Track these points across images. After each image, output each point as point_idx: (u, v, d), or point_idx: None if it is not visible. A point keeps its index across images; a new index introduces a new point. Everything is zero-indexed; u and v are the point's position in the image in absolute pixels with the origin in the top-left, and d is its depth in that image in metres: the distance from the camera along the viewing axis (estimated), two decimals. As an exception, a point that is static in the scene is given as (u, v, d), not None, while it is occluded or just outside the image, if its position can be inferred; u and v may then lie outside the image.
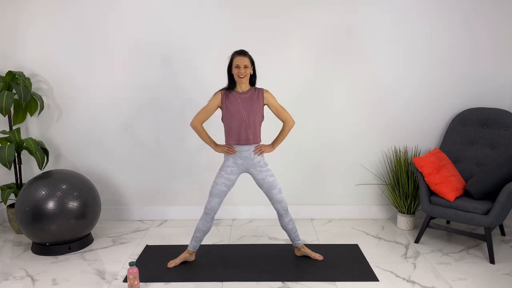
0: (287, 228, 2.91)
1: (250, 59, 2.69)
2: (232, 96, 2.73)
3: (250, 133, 2.71)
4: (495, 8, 3.48)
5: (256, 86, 2.81)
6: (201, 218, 2.86)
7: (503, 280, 2.68)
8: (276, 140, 2.87)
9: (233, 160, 2.79)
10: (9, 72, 3.42)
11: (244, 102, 2.71)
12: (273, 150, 2.87)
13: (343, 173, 3.76)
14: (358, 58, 3.56)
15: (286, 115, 2.82)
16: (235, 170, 2.80)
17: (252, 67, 2.73)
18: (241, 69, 2.65)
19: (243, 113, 2.69)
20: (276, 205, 2.84)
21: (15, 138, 3.39)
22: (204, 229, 2.86)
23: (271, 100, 2.78)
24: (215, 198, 2.79)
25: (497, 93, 3.61)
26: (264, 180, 2.80)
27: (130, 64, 3.57)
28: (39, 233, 3.00)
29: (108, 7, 3.49)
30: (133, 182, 3.78)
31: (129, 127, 3.68)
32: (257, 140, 2.75)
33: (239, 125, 2.70)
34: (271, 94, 2.79)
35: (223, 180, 2.79)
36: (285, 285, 2.65)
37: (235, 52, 2.70)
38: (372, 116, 3.66)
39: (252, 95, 2.73)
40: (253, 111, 2.70)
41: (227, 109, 2.71)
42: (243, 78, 2.67)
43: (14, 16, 3.51)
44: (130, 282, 2.51)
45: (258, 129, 2.75)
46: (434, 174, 3.12)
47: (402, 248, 3.18)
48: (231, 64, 2.70)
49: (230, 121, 2.72)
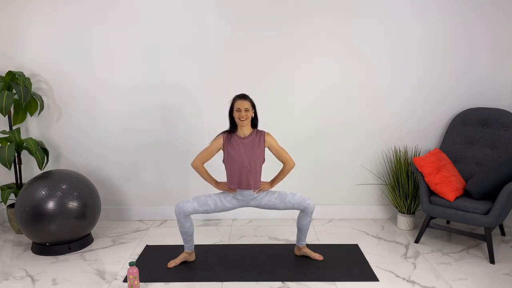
0: (303, 227, 2.90)
1: (251, 102, 2.73)
2: (234, 140, 2.75)
3: (251, 178, 2.74)
4: (495, 8, 3.48)
5: (258, 129, 2.84)
6: (177, 221, 2.86)
7: (503, 280, 2.68)
8: (276, 179, 2.89)
9: (233, 196, 2.83)
10: (9, 72, 3.42)
11: (246, 147, 2.74)
12: (271, 188, 2.90)
13: (343, 173, 3.77)
14: (358, 58, 3.56)
15: (287, 157, 2.85)
16: (234, 202, 2.84)
17: (253, 110, 2.76)
18: (242, 113, 2.67)
19: (244, 158, 2.72)
20: (302, 205, 2.80)
21: (15, 138, 3.39)
22: (185, 231, 2.82)
23: (272, 143, 2.81)
24: (195, 203, 2.76)
25: (497, 93, 3.61)
26: (271, 200, 2.83)
27: (130, 64, 3.57)
28: (39, 233, 3.00)
29: (108, 7, 3.49)
30: (133, 182, 3.78)
31: (129, 127, 3.68)
32: (257, 185, 2.78)
33: (240, 171, 2.73)
34: (272, 137, 2.83)
35: (216, 199, 2.80)
36: (285, 285, 2.65)
37: (236, 96, 2.74)
38: (372, 116, 3.66)
39: (253, 140, 2.76)
40: (254, 156, 2.73)
41: (229, 154, 2.74)
42: (244, 121, 2.69)
43: (14, 16, 3.51)
44: (130, 282, 2.51)
45: (259, 174, 2.79)
46: (434, 174, 3.12)
47: (402, 248, 3.18)
48: (232, 107, 2.73)
49: (232, 166, 2.74)
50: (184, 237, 2.86)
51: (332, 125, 3.68)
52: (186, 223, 2.79)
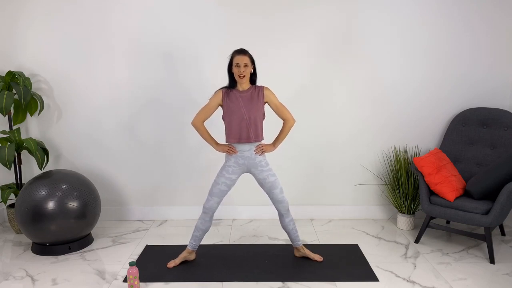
0: (288, 228, 2.90)
1: (250, 57, 2.70)
2: (233, 94, 2.73)
3: (251, 131, 2.71)
4: (495, 8, 3.48)
5: (257, 84, 2.81)
6: (200, 217, 2.86)
7: (503, 280, 2.68)
8: (277, 139, 2.87)
9: (234, 160, 2.79)
10: (9, 72, 3.42)
11: (245, 100, 2.71)
12: (274, 149, 2.87)
13: (343, 173, 3.76)
14: (358, 58, 3.56)
15: (287, 113, 2.82)
16: (236, 170, 2.80)
17: (253, 65, 2.73)
18: (241, 68, 2.65)
19: (244, 111, 2.69)
20: (277, 205, 2.84)
21: (15, 138, 3.39)
22: (203, 228, 2.85)
23: (271, 98, 2.78)
24: (214, 197, 2.79)
25: (497, 93, 3.61)
26: (266, 180, 2.80)
27: (130, 64, 3.57)
28: (39, 233, 3.00)
29: (108, 6, 3.49)
30: (133, 182, 3.78)
31: (129, 127, 3.68)
32: (258, 138, 2.75)
33: (240, 123, 2.70)
34: (271, 91, 2.79)
35: (224, 180, 2.79)
36: (285, 285, 2.65)
37: (235, 51, 2.71)
38: (372, 116, 3.66)
39: (252, 93, 2.74)
40: (253, 109, 2.70)
41: (228, 108, 2.72)
42: (243, 78, 2.67)
43: (14, 16, 3.51)
44: (130, 282, 2.51)
45: (260, 127, 2.75)
46: (434, 174, 3.12)
47: (402, 248, 3.18)
48: (231, 63, 2.70)
49: (231, 119, 2.71)
50: (198, 235, 2.87)
51: (332, 125, 3.68)
52: (210, 221, 2.85)
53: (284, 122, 2.83)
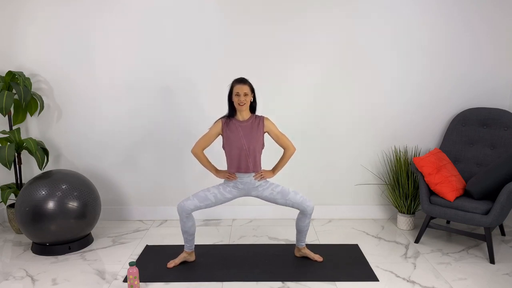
0: (302, 229, 2.88)
1: (250, 86, 2.71)
2: (233, 124, 2.74)
3: (250, 161, 2.72)
4: (495, 8, 3.48)
5: (257, 114, 2.83)
6: (179, 219, 2.85)
7: (503, 280, 2.68)
8: (277, 166, 2.88)
9: (233, 185, 2.81)
10: (9, 72, 3.42)
11: (245, 130, 2.72)
12: (273, 176, 2.88)
13: (343, 173, 3.77)
14: (358, 58, 3.56)
15: (287, 142, 2.83)
16: (234, 192, 2.81)
17: (252, 94, 2.75)
18: (241, 97, 2.67)
19: (243, 141, 2.70)
20: (302, 206, 2.78)
21: (15, 138, 3.39)
22: (186, 230, 2.81)
23: (271, 128, 2.80)
24: (195, 199, 2.75)
25: (497, 93, 3.61)
26: (273, 193, 2.80)
27: (130, 64, 3.57)
28: (39, 233, 3.00)
29: (108, 7, 3.49)
30: (133, 182, 3.78)
31: (129, 127, 3.68)
32: (257, 169, 2.76)
33: (239, 154, 2.71)
34: (271, 121, 2.81)
35: (216, 192, 2.79)
36: (285, 285, 2.65)
37: (235, 80, 2.73)
38: (372, 116, 3.66)
39: (252, 123, 2.75)
40: (253, 140, 2.71)
41: (228, 138, 2.73)
42: (243, 105, 2.68)
43: (14, 16, 3.51)
44: (130, 282, 2.51)
45: (258, 158, 2.76)
46: (434, 174, 3.12)
47: (402, 248, 3.18)
48: (231, 92, 2.72)
49: (231, 150, 2.73)
50: (185, 237, 2.85)
51: (332, 125, 3.68)
52: (188, 222, 2.78)
53: (285, 150, 2.85)
